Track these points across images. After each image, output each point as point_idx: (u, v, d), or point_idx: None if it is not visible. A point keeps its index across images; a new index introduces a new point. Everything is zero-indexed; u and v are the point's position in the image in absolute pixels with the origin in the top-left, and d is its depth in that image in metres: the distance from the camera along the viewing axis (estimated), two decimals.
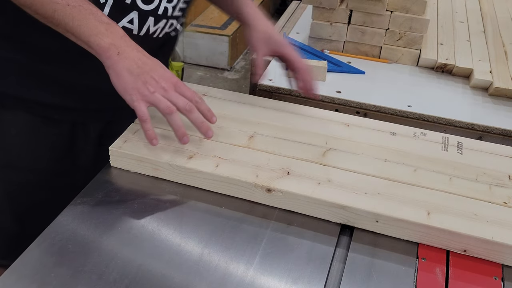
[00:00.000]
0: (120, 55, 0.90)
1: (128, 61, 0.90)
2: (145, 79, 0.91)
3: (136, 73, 0.90)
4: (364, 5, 1.43)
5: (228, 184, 0.94)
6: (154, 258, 0.82)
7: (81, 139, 1.16)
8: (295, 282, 0.80)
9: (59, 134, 1.13)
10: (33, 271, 0.79)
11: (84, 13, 0.89)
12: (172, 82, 0.93)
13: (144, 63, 0.91)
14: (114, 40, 0.90)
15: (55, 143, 1.14)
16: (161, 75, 0.92)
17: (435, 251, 0.87)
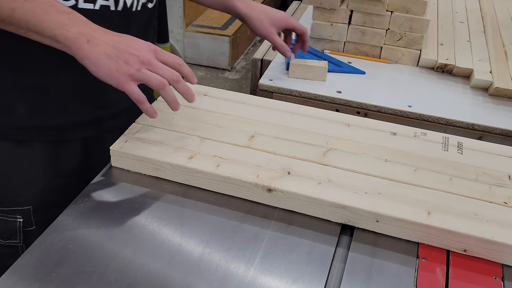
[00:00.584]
0: (91, 42, 0.86)
1: (101, 46, 0.86)
2: (126, 58, 0.87)
3: (114, 55, 0.86)
4: (364, 6, 1.43)
5: (229, 184, 0.94)
6: (155, 258, 0.82)
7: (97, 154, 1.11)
8: (296, 281, 0.80)
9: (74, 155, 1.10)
10: (34, 270, 0.79)
11: (44, 7, 0.85)
12: (152, 50, 0.89)
13: (118, 42, 0.87)
14: (80, 28, 0.86)
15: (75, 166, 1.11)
16: (138, 48, 0.88)
17: (435, 251, 0.87)
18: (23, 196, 1.07)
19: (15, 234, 1.08)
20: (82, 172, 1.13)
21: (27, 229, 1.09)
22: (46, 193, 1.08)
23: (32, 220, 1.08)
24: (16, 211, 1.07)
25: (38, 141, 1.04)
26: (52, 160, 1.07)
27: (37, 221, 1.09)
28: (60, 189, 1.09)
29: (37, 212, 1.08)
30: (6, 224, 1.07)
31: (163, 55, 0.91)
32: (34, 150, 1.05)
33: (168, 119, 1.08)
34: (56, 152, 1.07)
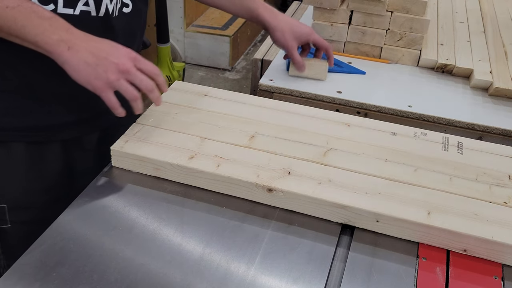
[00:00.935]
0: (71, 49, 0.87)
1: (81, 53, 0.87)
2: (105, 67, 0.88)
3: (93, 63, 0.87)
4: (364, 6, 1.43)
5: (229, 184, 0.94)
6: (155, 257, 0.83)
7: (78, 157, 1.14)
8: (296, 281, 0.80)
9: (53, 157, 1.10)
10: (35, 270, 0.79)
11: (25, 13, 0.85)
12: (131, 59, 0.90)
13: (98, 49, 0.88)
14: (61, 34, 0.87)
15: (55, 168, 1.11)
16: (118, 56, 0.89)
17: (436, 251, 0.87)
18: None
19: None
20: (61, 174, 1.13)
21: (2, 226, 1.10)
22: (23, 194, 1.09)
23: (7, 219, 1.09)
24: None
25: (15, 142, 1.05)
26: (29, 162, 1.07)
27: (12, 220, 1.10)
28: (38, 191, 1.10)
29: (13, 211, 1.09)
30: None
31: (141, 64, 0.92)
32: (11, 151, 1.05)
33: (169, 119, 1.08)
34: (34, 154, 1.07)
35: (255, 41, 4.31)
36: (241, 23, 3.81)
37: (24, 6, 0.85)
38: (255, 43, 4.28)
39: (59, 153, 1.10)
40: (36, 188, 1.10)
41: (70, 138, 1.10)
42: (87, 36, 0.90)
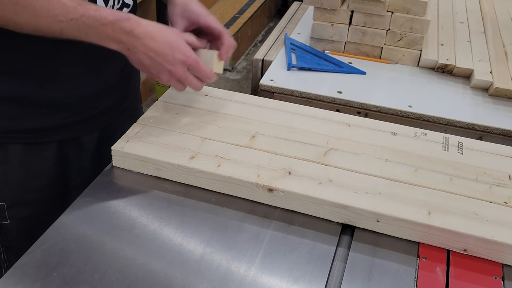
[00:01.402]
0: (130, 51, 0.94)
1: (138, 55, 0.94)
2: (158, 70, 0.96)
3: (148, 65, 0.95)
4: (365, 6, 1.43)
5: (230, 184, 0.94)
6: (156, 257, 0.83)
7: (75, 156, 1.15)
8: (297, 281, 0.80)
9: (51, 157, 1.11)
10: (36, 270, 0.79)
11: (88, 22, 0.90)
12: (186, 64, 0.96)
13: (156, 54, 0.94)
14: (122, 38, 0.92)
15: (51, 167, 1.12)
16: (173, 63, 0.95)
17: (436, 251, 0.87)
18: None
19: None
20: (58, 172, 1.14)
21: (1, 223, 1.12)
22: (20, 192, 1.11)
23: (6, 215, 1.11)
24: None
25: (12, 143, 1.06)
26: (27, 161, 1.08)
27: (11, 217, 1.12)
28: (36, 189, 1.12)
29: (11, 208, 1.11)
30: None
31: (195, 68, 0.98)
32: (9, 151, 1.06)
33: (169, 119, 1.08)
34: (31, 154, 1.08)
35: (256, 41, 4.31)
36: (242, 23, 3.81)
37: (86, 16, 0.89)
38: (256, 43, 4.28)
39: (56, 152, 1.11)
40: (33, 186, 1.11)
41: (67, 138, 1.11)
42: (149, 35, 0.94)
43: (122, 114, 1.21)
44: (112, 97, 1.15)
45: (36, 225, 1.06)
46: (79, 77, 1.07)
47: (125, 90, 1.21)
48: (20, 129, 1.05)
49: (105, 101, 1.14)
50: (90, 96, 1.10)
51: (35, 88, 1.02)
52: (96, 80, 1.10)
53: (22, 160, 1.08)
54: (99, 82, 1.11)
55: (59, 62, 1.02)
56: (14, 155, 1.07)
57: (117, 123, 1.18)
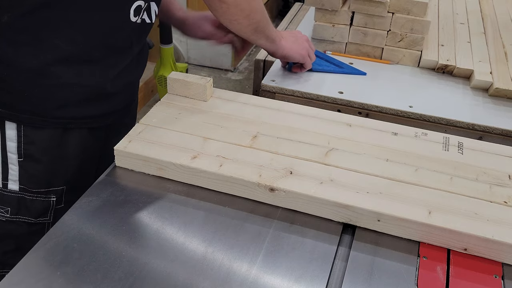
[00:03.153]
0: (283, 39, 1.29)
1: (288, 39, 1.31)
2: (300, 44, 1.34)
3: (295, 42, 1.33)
4: (366, 7, 1.44)
5: (232, 183, 0.95)
6: (159, 256, 0.83)
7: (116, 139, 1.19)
8: (298, 280, 0.81)
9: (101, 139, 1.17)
10: (39, 269, 0.80)
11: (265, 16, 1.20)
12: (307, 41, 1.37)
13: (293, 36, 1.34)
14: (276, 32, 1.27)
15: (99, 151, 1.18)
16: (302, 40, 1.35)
17: (436, 250, 0.87)
18: (60, 178, 1.13)
19: (46, 212, 1.14)
20: (101, 156, 1.19)
21: (57, 207, 1.14)
22: (77, 175, 1.15)
23: (63, 199, 1.14)
24: (52, 191, 1.13)
25: (79, 128, 1.11)
26: (86, 145, 1.13)
27: (66, 200, 1.14)
28: (87, 172, 1.17)
29: (69, 192, 1.14)
30: (42, 204, 1.13)
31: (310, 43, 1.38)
32: (76, 136, 1.11)
33: (172, 119, 1.09)
34: (87, 138, 1.13)
35: None
36: None
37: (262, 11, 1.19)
38: None
39: (102, 136, 1.17)
40: (88, 169, 1.17)
41: (115, 122, 1.18)
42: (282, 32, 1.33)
43: None
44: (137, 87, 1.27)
45: None
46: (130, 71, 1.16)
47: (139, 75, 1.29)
48: (89, 115, 1.10)
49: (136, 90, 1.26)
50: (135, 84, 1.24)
51: (110, 78, 1.09)
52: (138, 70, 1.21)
53: (84, 144, 1.12)
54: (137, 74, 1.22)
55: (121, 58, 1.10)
56: (80, 140, 1.11)
57: None
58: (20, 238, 1.15)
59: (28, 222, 1.13)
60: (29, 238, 1.11)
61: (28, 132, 1.05)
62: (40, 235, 1.10)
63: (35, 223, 1.14)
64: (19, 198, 1.11)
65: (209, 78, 1.17)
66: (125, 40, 1.08)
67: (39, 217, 1.13)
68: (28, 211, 1.12)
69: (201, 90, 1.16)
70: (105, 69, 1.08)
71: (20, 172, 1.09)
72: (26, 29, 0.97)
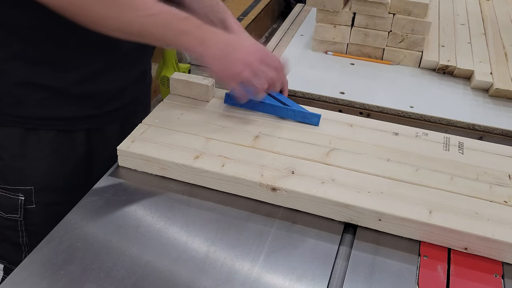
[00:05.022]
0: (203, 45, 0.98)
1: (211, 48, 0.98)
2: (231, 61, 1.00)
3: (221, 57, 0.99)
4: (367, 8, 1.44)
5: (234, 183, 0.95)
6: (161, 255, 0.84)
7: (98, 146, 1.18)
8: (299, 279, 0.81)
9: (79, 145, 1.15)
10: (43, 268, 0.80)
11: (166, 18, 0.94)
12: (256, 54, 1.02)
13: (226, 45, 1.00)
14: (194, 33, 0.97)
15: (77, 156, 1.16)
16: (243, 52, 1.01)
17: (437, 249, 0.88)
18: (27, 177, 1.12)
19: (16, 210, 1.14)
20: (84, 162, 1.17)
21: (27, 207, 1.14)
22: (49, 177, 1.13)
23: (32, 200, 1.14)
24: (19, 190, 1.13)
25: (44, 129, 1.09)
26: (56, 148, 1.11)
27: (37, 202, 1.14)
28: (63, 176, 1.15)
29: (38, 193, 1.14)
30: (9, 200, 1.14)
31: (267, 60, 1.04)
32: (40, 137, 1.09)
33: (174, 119, 1.09)
34: (60, 141, 1.11)
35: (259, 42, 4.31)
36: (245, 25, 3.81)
37: (163, 12, 0.94)
38: None
39: (83, 141, 1.15)
40: (61, 173, 1.15)
41: (93, 128, 1.15)
42: (217, 31, 1.01)
43: (139, 109, 1.25)
44: (134, 92, 1.20)
45: (60, 212, 1.09)
46: (112, 74, 1.11)
47: (143, 85, 1.26)
48: (53, 116, 1.08)
49: (129, 94, 1.18)
50: (118, 90, 1.14)
51: (74, 80, 1.06)
52: (124, 77, 1.15)
53: (53, 146, 1.11)
54: (126, 78, 1.15)
55: (98, 59, 1.07)
56: (45, 141, 1.10)
57: (135, 116, 1.21)
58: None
59: (1, 216, 1.15)
60: (2, 231, 1.17)
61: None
62: (13, 231, 1.14)
63: (6, 218, 1.15)
64: None
65: (212, 78, 1.17)
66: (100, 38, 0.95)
67: (9, 213, 1.14)
68: (0, 205, 1.14)
69: (204, 91, 1.17)
70: (67, 69, 1.05)
71: None
72: None
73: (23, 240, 1.19)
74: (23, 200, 1.13)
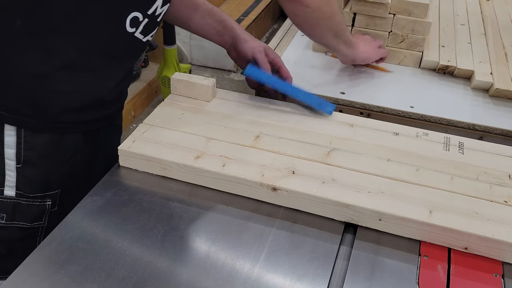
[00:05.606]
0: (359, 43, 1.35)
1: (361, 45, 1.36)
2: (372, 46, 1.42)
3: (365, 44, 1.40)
4: (367, 8, 1.44)
5: (235, 183, 0.95)
6: (162, 255, 0.84)
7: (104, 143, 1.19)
8: (300, 279, 0.81)
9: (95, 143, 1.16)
10: (44, 268, 0.81)
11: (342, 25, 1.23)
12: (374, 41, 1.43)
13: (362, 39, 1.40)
14: None
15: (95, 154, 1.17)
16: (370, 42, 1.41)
17: (437, 249, 0.88)
18: (54, 182, 1.12)
19: (41, 216, 1.13)
20: (94, 159, 1.18)
21: (51, 211, 1.14)
22: (71, 177, 1.14)
23: (57, 202, 1.13)
24: (48, 195, 1.12)
25: (74, 132, 1.09)
26: (77, 149, 1.12)
27: (60, 203, 1.14)
28: (80, 174, 1.16)
29: (62, 194, 1.13)
30: (37, 208, 1.12)
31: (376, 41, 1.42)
32: (68, 140, 1.09)
33: (175, 119, 1.10)
34: (81, 141, 1.12)
35: None
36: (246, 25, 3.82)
37: None
38: None
39: (95, 140, 1.16)
40: (78, 172, 1.15)
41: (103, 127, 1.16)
42: None
43: None
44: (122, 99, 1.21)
45: None
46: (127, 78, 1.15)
47: None
48: (86, 120, 1.09)
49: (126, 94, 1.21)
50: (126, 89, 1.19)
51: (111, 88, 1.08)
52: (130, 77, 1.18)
53: (77, 148, 1.11)
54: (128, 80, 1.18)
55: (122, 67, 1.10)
56: (75, 143, 1.10)
57: None
58: (12, 243, 1.14)
59: (22, 227, 1.13)
60: (21, 243, 1.13)
61: (28, 138, 1.04)
62: (33, 240, 1.12)
63: (29, 227, 1.13)
64: (14, 203, 1.09)
65: (212, 78, 1.18)
66: (124, 50, 1.06)
67: (34, 221, 1.13)
68: (23, 216, 1.11)
69: (205, 91, 1.17)
70: (106, 78, 1.07)
71: (18, 178, 1.07)
72: (36, 35, 0.96)
73: (40, 239, 1.18)
74: (50, 205, 1.13)
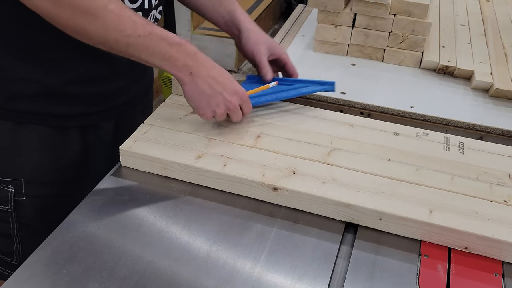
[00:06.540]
0: (193, 75, 0.98)
1: (200, 80, 0.98)
2: (217, 102, 1.00)
3: (208, 95, 0.99)
4: (368, 9, 1.45)
5: (236, 183, 0.96)
6: (163, 255, 0.84)
7: (93, 142, 1.19)
8: (301, 278, 0.82)
9: (72, 141, 1.15)
10: (45, 267, 0.81)
11: (156, 40, 0.93)
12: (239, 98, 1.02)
13: (216, 82, 0.99)
14: (186, 60, 0.96)
15: (70, 151, 1.16)
16: (232, 93, 1.01)
17: (437, 248, 0.88)
18: (17, 170, 1.13)
19: (6, 201, 1.15)
20: (79, 158, 1.18)
21: (18, 199, 1.15)
22: (40, 171, 1.14)
23: (23, 192, 1.14)
24: (9, 182, 1.13)
25: (35, 124, 1.10)
26: (47, 142, 1.12)
27: (28, 194, 1.15)
28: (55, 170, 1.16)
29: (29, 186, 1.14)
30: (1, 191, 1.14)
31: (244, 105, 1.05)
32: (31, 132, 1.10)
33: (176, 120, 1.10)
34: (52, 136, 1.12)
35: None
36: None
37: (154, 34, 0.93)
38: None
39: (78, 138, 1.16)
40: (53, 167, 1.15)
41: (88, 125, 1.16)
42: (210, 63, 1.00)
43: (138, 107, 1.26)
44: (131, 92, 1.21)
45: (51, 206, 1.10)
46: (108, 77, 1.13)
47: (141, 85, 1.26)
48: (46, 112, 1.09)
49: (124, 95, 1.19)
50: (114, 91, 1.15)
51: (68, 80, 1.07)
52: (120, 80, 1.16)
53: (44, 141, 1.12)
54: (121, 80, 1.16)
55: (93, 62, 1.08)
56: (36, 135, 1.10)
57: (133, 115, 1.23)
58: None
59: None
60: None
61: None
62: (5, 223, 1.15)
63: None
64: None
65: None
66: None
67: (0, 204, 1.15)
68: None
69: None
70: (62, 69, 1.06)
71: None
72: None
73: (14, 231, 1.19)
74: (13, 192, 1.14)
